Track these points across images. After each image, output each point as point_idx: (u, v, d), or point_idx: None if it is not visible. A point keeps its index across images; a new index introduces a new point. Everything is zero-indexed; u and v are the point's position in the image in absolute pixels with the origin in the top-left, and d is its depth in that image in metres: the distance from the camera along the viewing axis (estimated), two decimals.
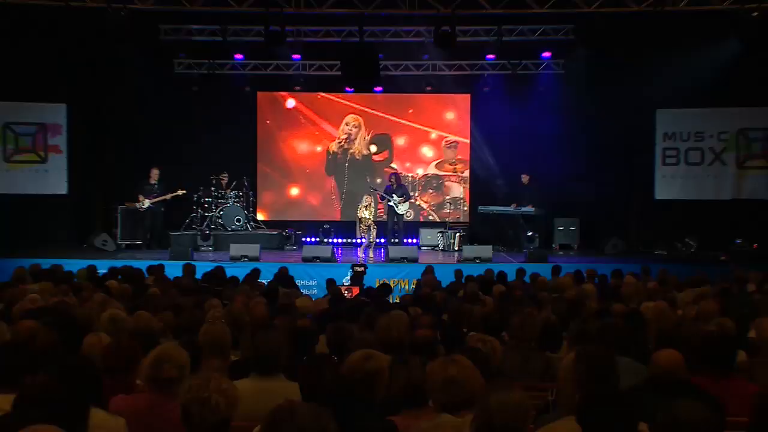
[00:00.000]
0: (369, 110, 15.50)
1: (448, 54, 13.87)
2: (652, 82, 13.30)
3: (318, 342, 4.43)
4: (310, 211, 15.59)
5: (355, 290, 8.88)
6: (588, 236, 14.26)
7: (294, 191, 15.66)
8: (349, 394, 2.73)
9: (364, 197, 13.13)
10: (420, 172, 15.55)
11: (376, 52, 12.95)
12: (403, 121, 15.46)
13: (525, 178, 13.80)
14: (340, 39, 13.82)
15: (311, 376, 2.82)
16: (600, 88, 13.69)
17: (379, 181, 15.40)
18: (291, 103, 15.53)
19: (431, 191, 15.63)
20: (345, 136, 15.49)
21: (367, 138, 15.49)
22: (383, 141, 15.56)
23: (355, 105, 15.49)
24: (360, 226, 12.98)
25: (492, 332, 4.53)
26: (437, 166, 15.54)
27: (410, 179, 15.48)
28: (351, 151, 15.59)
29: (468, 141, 15.45)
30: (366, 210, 12.95)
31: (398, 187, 13.57)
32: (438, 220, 15.32)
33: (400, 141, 15.55)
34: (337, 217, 15.30)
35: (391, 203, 13.33)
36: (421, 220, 15.43)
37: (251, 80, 14.77)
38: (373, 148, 15.56)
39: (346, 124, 15.45)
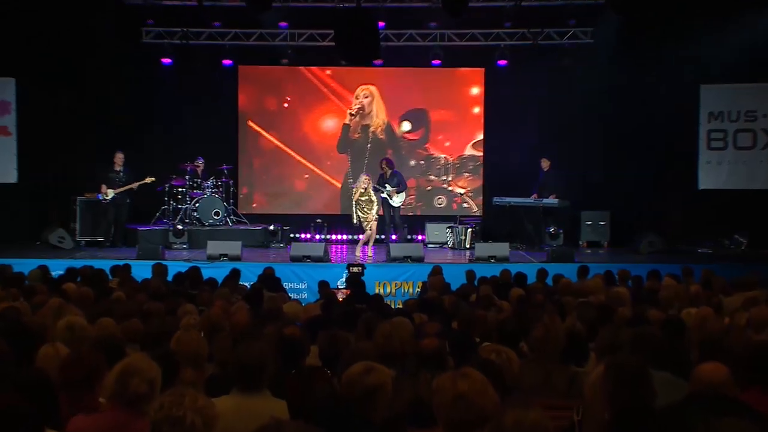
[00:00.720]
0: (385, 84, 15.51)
1: (459, 22, 13.84)
2: (696, 54, 13.26)
3: (309, 353, 4.45)
4: (302, 204, 15.65)
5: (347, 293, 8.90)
6: (620, 232, 14.30)
7: (283, 180, 15.70)
8: (346, 413, 2.74)
9: (362, 177, 12.60)
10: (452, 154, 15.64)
11: (376, 19, 12.92)
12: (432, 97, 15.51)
13: (545, 164, 13.83)
14: (334, 5, 13.79)
15: (301, 392, 2.83)
16: (634, 60, 13.67)
17: (412, 163, 15.51)
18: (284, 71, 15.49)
19: (467, 175, 15.64)
20: (358, 107, 15.43)
21: (383, 111, 15.50)
22: (418, 117, 15.57)
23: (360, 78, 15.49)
24: (356, 212, 12.47)
25: (508, 342, 4.55)
26: (474, 146, 15.57)
27: (443, 161, 15.56)
28: (371, 128, 15.59)
29: (481, 121, 15.45)
30: (364, 194, 12.39)
31: (392, 175, 13.50)
32: (474, 207, 15.47)
33: (436, 117, 15.56)
34: (337, 209, 15.36)
35: (384, 194, 13.29)
36: (455, 207, 15.47)
37: (231, 52, 14.73)
38: (406, 126, 15.55)
39: (356, 97, 15.44)
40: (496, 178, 15.16)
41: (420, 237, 14.80)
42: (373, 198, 12.56)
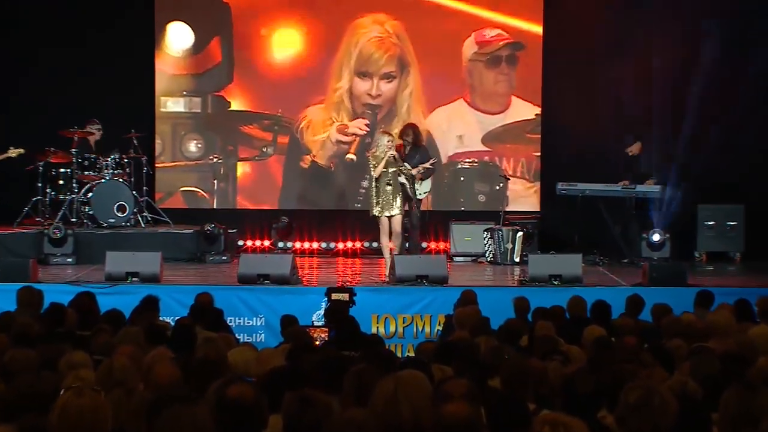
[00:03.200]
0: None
1: None
2: None
3: (267, 426, 4.47)
4: (256, 193, 15.73)
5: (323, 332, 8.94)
6: (760, 237, 14.35)
7: (226, 157, 15.81)
8: None
9: (384, 138, 12.40)
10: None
11: None
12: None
13: (635, 148, 13.96)
14: None
15: None
16: None
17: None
18: None
19: (511, 145, 15.90)
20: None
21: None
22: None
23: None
24: (373, 189, 12.28)
25: (580, 410, 4.55)
26: (526, 100, 15.80)
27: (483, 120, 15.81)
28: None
29: (540, 72, 15.55)
30: (390, 164, 12.21)
31: (414, 149, 13.32)
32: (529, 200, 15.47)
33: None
34: (314, 202, 15.43)
35: (401, 178, 13.04)
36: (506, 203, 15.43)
37: None
38: None
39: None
40: (560, 153, 15.25)
41: (441, 245, 14.85)
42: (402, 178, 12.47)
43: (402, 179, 12.70)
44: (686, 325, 7.78)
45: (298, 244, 15.17)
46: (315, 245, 15.24)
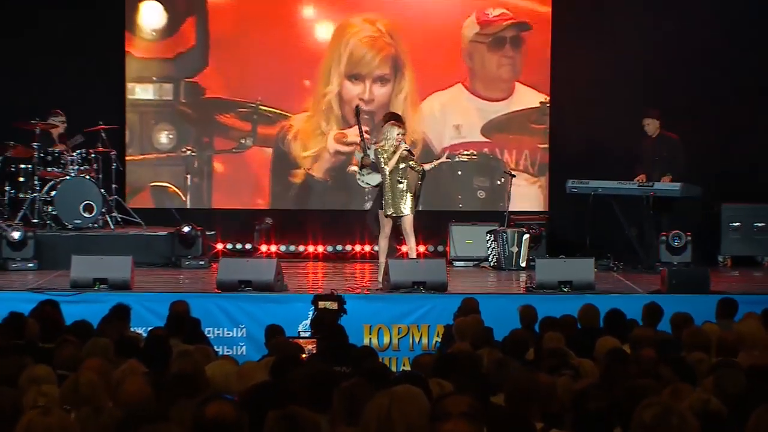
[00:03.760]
0: None
1: None
2: None
3: None
4: (236, 191, 15.82)
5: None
6: None
7: (201, 149, 15.84)
8: None
9: (395, 130, 12.25)
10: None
11: None
12: None
13: (651, 125, 13.89)
14: None
15: None
16: None
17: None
18: None
19: (513, 137, 15.87)
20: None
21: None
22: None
23: None
24: (388, 185, 12.10)
25: (591, 430, 4.59)
26: (531, 88, 15.85)
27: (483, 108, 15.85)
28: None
29: (548, 56, 15.58)
30: (401, 144, 12.13)
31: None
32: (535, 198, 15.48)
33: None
34: (304, 202, 15.51)
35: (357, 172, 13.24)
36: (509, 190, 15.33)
37: None
38: None
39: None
40: (569, 146, 15.25)
41: (439, 248, 14.91)
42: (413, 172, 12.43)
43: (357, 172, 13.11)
44: (709, 337, 7.73)
45: (283, 248, 15.10)
46: (302, 248, 15.18)
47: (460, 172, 15.92)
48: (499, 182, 15.62)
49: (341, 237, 15.26)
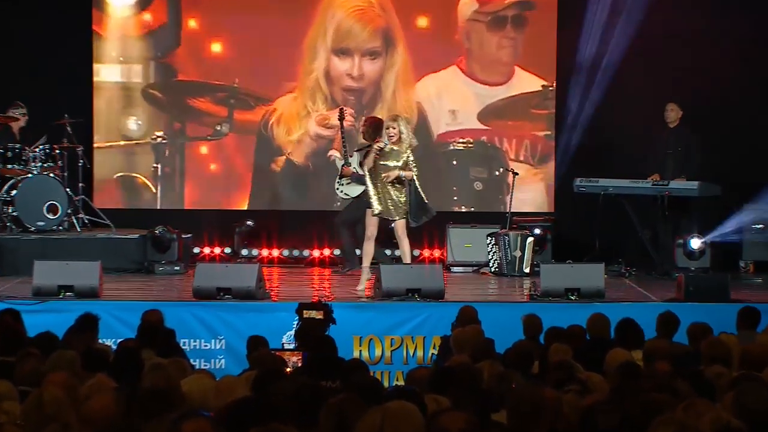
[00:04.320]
0: None
1: None
2: None
3: None
4: (215, 191, 15.92)
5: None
6: None
7: (172, 136, 15.93)
8: None
9: (401, 121, 12.30)
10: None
11: None
12: None
13: (673, 112, 13.94)
14: None
15: None
16: None
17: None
18: None
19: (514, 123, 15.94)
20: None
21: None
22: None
23: None
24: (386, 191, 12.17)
25: None
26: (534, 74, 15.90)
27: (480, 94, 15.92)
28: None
29: (554, 37, 15.64)
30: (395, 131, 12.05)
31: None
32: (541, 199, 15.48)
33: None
34: (290, 202, 15.65)
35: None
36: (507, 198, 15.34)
37: None
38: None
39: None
40: (576, 139, 15.32)
41: (435, 252, 14.98)
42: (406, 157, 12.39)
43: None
44: (730, 349, 7.72)
45: (265, 252, 15.19)
46: (286, 253, 15.27)
47: (455, 162, 16.02)
48: (497, 173, 15.69)
49: (331, 239, 15.22)
